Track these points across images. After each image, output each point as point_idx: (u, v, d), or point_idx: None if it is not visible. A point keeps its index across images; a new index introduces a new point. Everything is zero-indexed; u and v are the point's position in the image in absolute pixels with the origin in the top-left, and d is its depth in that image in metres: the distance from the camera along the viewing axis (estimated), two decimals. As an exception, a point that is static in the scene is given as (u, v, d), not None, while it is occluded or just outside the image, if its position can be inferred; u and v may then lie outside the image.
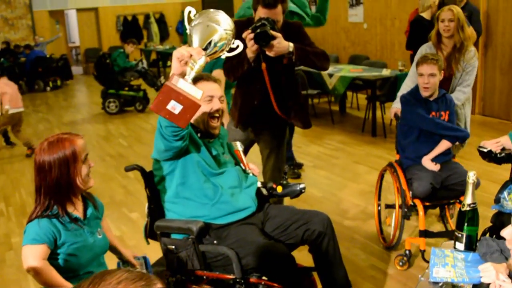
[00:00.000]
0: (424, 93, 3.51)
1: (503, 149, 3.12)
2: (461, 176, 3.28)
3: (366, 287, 3.30)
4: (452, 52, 3.88)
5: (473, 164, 3.22)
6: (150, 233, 2.65)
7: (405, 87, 3.96)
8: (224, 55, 2.21)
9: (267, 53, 3.12)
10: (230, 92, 4.38)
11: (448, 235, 3.37)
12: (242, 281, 2.32)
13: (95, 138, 7.77)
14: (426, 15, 6.04)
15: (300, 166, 5.59)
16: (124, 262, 2.52)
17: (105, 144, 7.38)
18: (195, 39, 2.12)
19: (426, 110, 3.53)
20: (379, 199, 3.91)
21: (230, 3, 13.41)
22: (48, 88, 12.79)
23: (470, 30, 6.48)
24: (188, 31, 2.17)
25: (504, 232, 1.72)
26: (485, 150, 3.10)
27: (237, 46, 2.22)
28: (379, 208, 3.89)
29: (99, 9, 15.90)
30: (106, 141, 7.52)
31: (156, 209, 2.61)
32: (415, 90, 3.59)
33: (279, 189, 2.74)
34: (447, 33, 3.83)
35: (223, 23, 2.14)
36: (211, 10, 2.20)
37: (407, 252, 3.43)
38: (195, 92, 1.99)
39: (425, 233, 3.33)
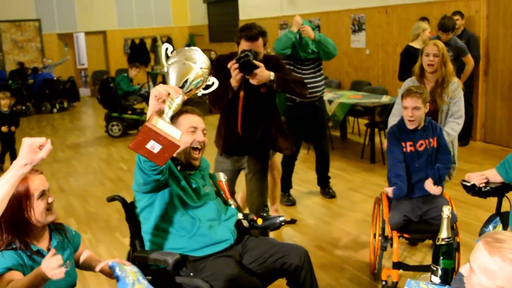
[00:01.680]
0: (410, 126, 3.51)
1: (488, 182, 3.12)
2: (439, 211, 3.26)
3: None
4: (435, 87, 3.89)
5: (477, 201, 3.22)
6: (133, 262, 2.67)
7: (393, 119, 3.98)
8: (201, 92, 2.25)
9: (251, 81, 3.30)
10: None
11: (424, 268, 3.36)
12: (216, 314, 2.33)
13: (96, 161, 7.83)
14: (416, 44, 6.08)
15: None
16: None
17: (105, 167, 7.44)
18: (172, 77, 2.17)
19: (413, 140, 3.53)
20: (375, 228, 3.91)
21: (235, 28, 13.55)
22: (55, 110, 12.93)
23: (467, 58, 6.56)
24: (165, 69, 2.22)
25: (462, 269, 1.74)
26: (469, 184, 3.09)
27: (213, 83, 2.27)
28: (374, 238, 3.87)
29: (107, 32, 16.13)
30: (107, 165, 7.58)
31: (136, 240, 2.64)
32: (401, 121, 3.60)
33: (259, 221, 2.76)
34: (431, 68, 3.86)
35: (199, 61, 2.19)
36: (187, 48, 2.25)
37: (384, 282, 3.37)
38: (174, 133, 2.00)
39: (398, 265, 3.33)
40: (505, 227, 3.03)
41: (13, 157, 7.44)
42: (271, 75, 3.34)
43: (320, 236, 4.54)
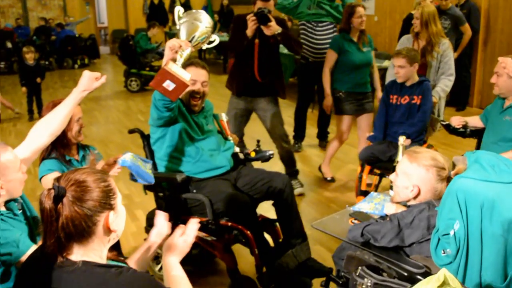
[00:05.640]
0: (398, 80, 4.13)
1: (466, 126, 3.70)
2: None
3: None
4: (426, 45, 4.41)
5: (460, 152, 3.77)
6: (148, 186, 3.25)
7: (389, 75, 4.51)
8: (205, 46, 2.82)
9: (264, 31, 4.13)
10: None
11: None
12: (213, 222, 2.92)
13: (116, 113, 8.45)
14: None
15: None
16: None
17: (124, 118, 8.05)
18: (183, 33, 2.74)
19: (399, 93, 4.14)
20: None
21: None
22: (76, 66, 13.53)
23: (464, 27, 6.96)
24: (177, 26, 2.77)
25: (390, 177, 2.35)
26: (444, 123, 3.72)
27: (214, 40, 2.83)
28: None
29: (127, -8, 16.57)
30: (125, 116, 8.20)
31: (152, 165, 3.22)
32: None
33: (253, 154, 3.36)
34: (416, 29, 4.38)
35: (204, 21, 2.75)
36: (194, 10, 2.80)
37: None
38: (185, 75, 2.61)
39: (364, 193, 4.07)
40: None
41: (39, 106, 8.06)
42: (279, 29, 4.14)
43: (313, 181, 5.11)
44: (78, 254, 1.52)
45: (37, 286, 1.51)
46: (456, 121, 3.73)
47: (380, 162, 4.04)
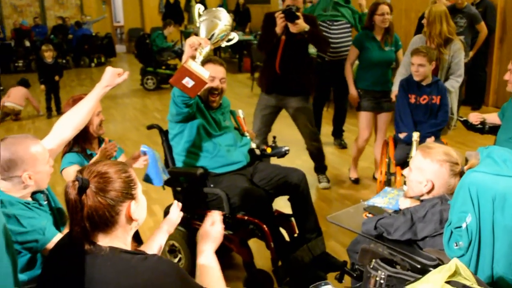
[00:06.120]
0: (416, 78, 4.12)
1: (484, 123, 3.72)
2: None
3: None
4: (437, 46, 4.43)
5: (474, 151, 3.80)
6: (166, 181, 3.32)
7: (399, 74, 4.53)
8: (224, 44, 2.88)
9: (291, 29, 4.18)
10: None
11: None
12: (230, 216, 2.98)
13: (132, 110, 8.55)
14: (431, 10, 6.50)
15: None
16: None
17: (140, 116, 8.16)
18: (202, 31, 2.80)
19: (418, 92, 4.13)
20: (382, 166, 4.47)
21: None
22: (93, 64, 13.68)
23: (480, 25, 6.95)
24: (197, 24, 2.84)
25: (404, 172, 2.40)
26: (461, 119, 3.74)
27: (233, 37, 2.89)
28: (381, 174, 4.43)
29: (143, -10, 16.70)
30: (142, 114, 8.30)
31: (170, 160, 3.30)
32: (410, 75, 4.20)
33: (268, 150, 3.43)
34: (424, 28, 4.40)
35: (223, 19, 2.81)
36: (214, 8, 2.87)
37: None
38: (204, 72, 2.68)
39: None
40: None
41: (57, 104, 8.20)
42: (306, 27, 4.18)
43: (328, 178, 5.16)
44: (103, 242, 1.60)
45: (66, 271, 1.58)
46: (474, 117, 3.74)
47: None
